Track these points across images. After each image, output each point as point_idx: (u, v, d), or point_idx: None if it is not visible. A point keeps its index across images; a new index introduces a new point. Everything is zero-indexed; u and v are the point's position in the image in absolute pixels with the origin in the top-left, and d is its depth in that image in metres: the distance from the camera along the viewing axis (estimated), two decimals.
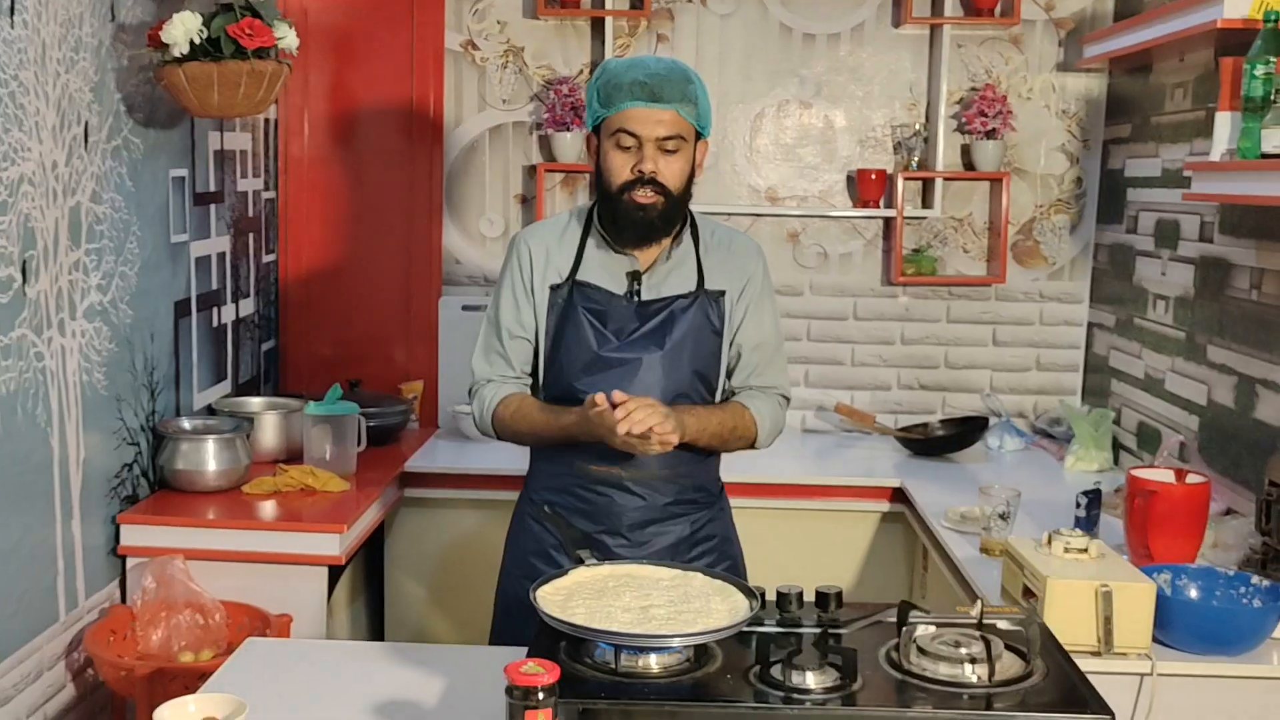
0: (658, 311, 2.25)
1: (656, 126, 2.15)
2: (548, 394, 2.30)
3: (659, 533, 2.28)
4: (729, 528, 2.43)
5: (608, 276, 2.27)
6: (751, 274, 2.32)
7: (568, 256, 2.28)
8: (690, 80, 2.19)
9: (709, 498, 2.37)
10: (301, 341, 3.99)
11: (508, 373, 2.32)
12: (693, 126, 2.20)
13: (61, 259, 2.59)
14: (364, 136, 3.93)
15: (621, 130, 2.16)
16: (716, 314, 2.28)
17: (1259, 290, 2.87)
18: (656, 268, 2.27)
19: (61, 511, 2.63)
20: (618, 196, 2.18)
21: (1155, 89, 3.52)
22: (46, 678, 2.59)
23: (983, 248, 3.98)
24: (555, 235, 2.31)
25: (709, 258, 2.30)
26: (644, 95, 2.14)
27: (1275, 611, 2.18)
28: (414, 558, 3.53)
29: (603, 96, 2.18)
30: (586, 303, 2.25)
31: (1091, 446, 3.55)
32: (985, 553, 2.73)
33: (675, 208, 2.21)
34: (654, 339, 2.23)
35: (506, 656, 1.75)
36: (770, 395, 2.35)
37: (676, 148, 2.17)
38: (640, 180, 2.16)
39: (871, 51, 3.94)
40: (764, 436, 2.33)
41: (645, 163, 2.15)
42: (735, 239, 2.36)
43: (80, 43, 2.64)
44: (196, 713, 1.68)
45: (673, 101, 2.15)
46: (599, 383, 2.19)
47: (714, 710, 1.60)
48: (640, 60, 2.21)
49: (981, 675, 1.65)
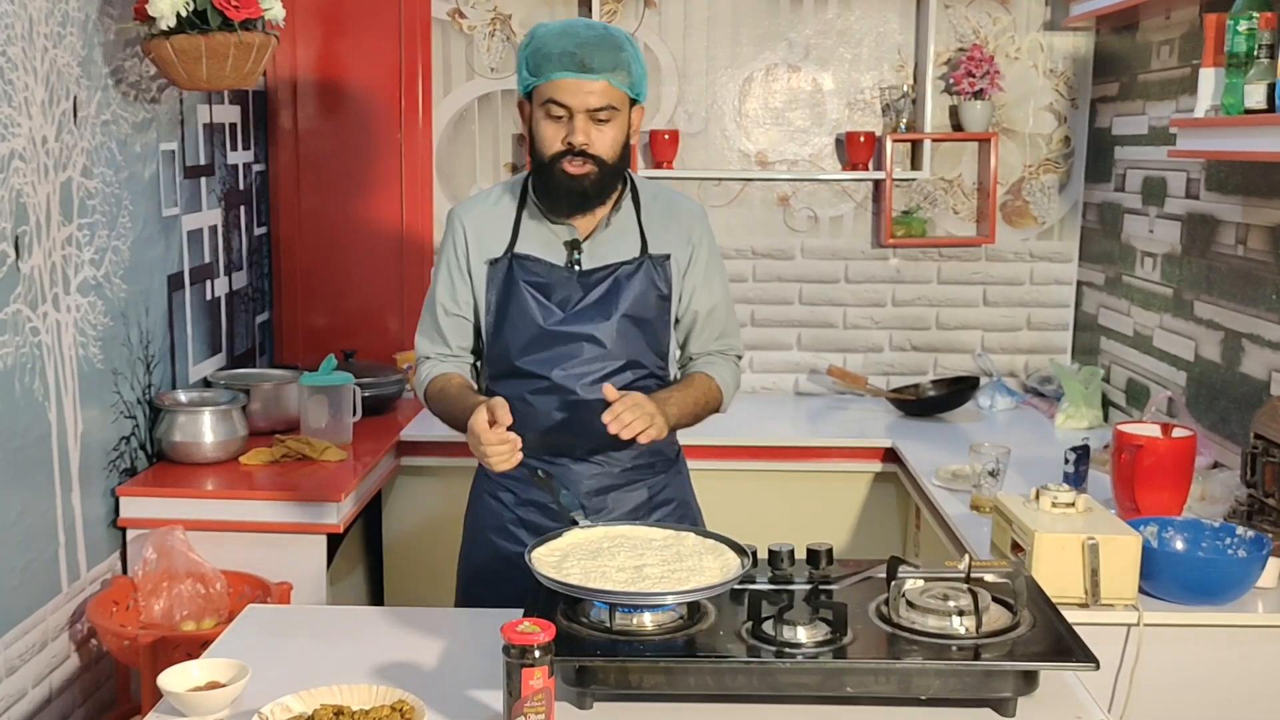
0: (601, 280, 2.20)
1: (587, 97, 2.08)
2: (491, 370, 2.26)
3: (618, 500, 2.26)
4: (687, 490, 2.41)
5: (546, 248, 2.22)
6: (698, 239, 2.28)
7: (504, 229, 2.23)
8: (622, 48, 2.11)
9: (666, 462, 2.34)
10: (295, 313, 4.00)
11: (444, 350, 2.28)
12: (625, 94, 2.12)
13: (54, 234, 2.60)
14: (353, 107, 3.93)
15: (551, 100, 2.09)
16: (663, 278, 2.23)
17: (1244, 246, 2.89)
18: (596, 235, 2.22)
19: (61, 485, 2.66)
20: (549, 167, 2.13)
21: (1142, 47, 3.53)
22: (51, 648, 2.62)
23: (972, 208, 4.00)
24: (489, 208, 2.25)
25: (651, 221, 2.25)
26: (573, 65, 2.07)
27: (1259, 561, 2.21)
28: (411, 526, 3.57)
29: (532, 65, 2.11)
30: (527, 276, 2.20)
31: (1082, 404, 3.58)
32: (976, 510, 2.76)
33: (610, 176, 2.15)
34: (600, 309, 2.19)
35: (504, 618, 1.78)
36: (729, 358, 2.34)
37: (609, 117, 2.10)
38: (571, 150, 2.10)
39: (859, 14, 3.94)
40: (727, 400, 2.32)
41: (576, 134, 2.09)
42: (677, 201, 2.30)
43: (67, 17, 2.64)
44: (199, 677, 1.71)
45: (603, 71, 2.07)
46: (546, 359, 2.18)
47: (707, 665, 1.64)
48: (571, 27, 2.12)
49: (969, 627, 1.69)
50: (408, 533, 3.57)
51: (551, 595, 1.74)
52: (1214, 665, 2.20)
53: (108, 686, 2.87)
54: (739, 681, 1.65)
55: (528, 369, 2.20)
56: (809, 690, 1.64)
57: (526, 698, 1.51)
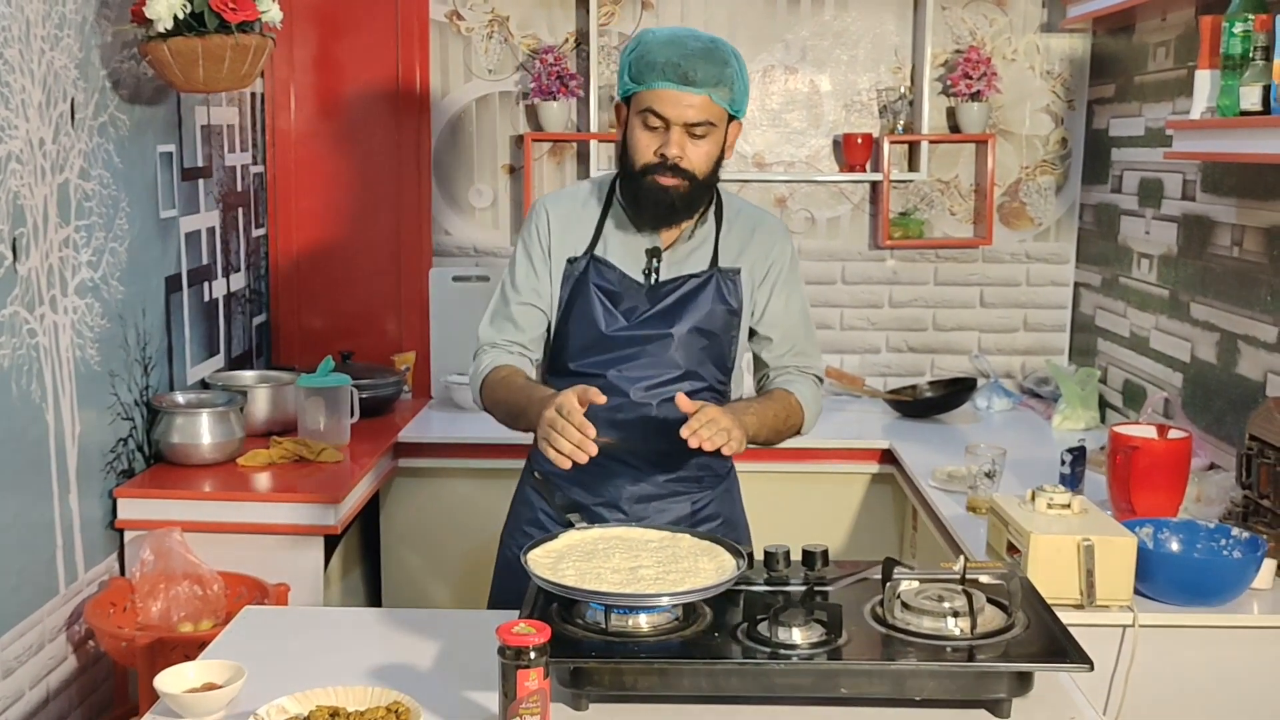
0: (670, 292, 2.17)
1: (686, 110, 2.04)
2: (549, 368, 2.24)
3: (659, 510, 2.22)
4: (735, 508, 2.36)
5: (626, 254, 2.18)
6: (777, 255, 2.23)
7: (587, 229, 2.20)
8: (728, 63, 2.07)
9: (714, 478, 2.29)
10: (293, 315, 4.01)
11: (514, 338, 2.21)
12: (725, 110, 2.09)
13: (51, 236, 2.60)
14: (351, 109, 3.93)
15: (649, 110, 2.05)
16: (733, 293, 2.19)
17: (1240, 247, 2.90)
18: (678, 246, 2.18)
19: (59, 486, 2.66)
20: (640, 176, 2.09)
21: (1138, 48, 3.53)
22: (48, 650, 2.63)
23: (969, 210, 4.00)
24: (577, 205, 2.22)
25: (730, 237, 2.21)
26: (676, 77, 2.03)
27: (1254, 562, 2.22)
28: (409, 527, 3.57)
29: (634, 71, 2.08)
30: (600, 280, 2.17)
31: (1079, 405, 3.59)
32: (972, 511, 2.77)
33: (699, 191, 2.11)
34: (665, 320, 2.16)
35: (500, 619, 1.78)
36: (808, 377, 2.28)
37: (705, 133, 2.07)
38: (664, 164, 2.07)
39: (856, 15, 3.94)
40: (809, 421, 2.25)
41: (670, 147, 2.06)
42: (761, 219, 2.26)
43: (64, 19, 2.64)
44: (196, 679, 1.72)
45: (705, 86, 2.04)
46: (603, 361, 2.15)
47: (702, 667, 1.64)
48: (679, 37, 2.08)
49: (964, 628, 1.69)
50: (405, 534, 3.57)
51: (547, 596, 1.74)
52: (1209, 667, 2.20)
53: (105, 688, 2.87)
54: (734, 683, 1.65)
55: (583, 369, 2.17)
56: (804, 691, 1.65)
57: (522, 699, 1.52)
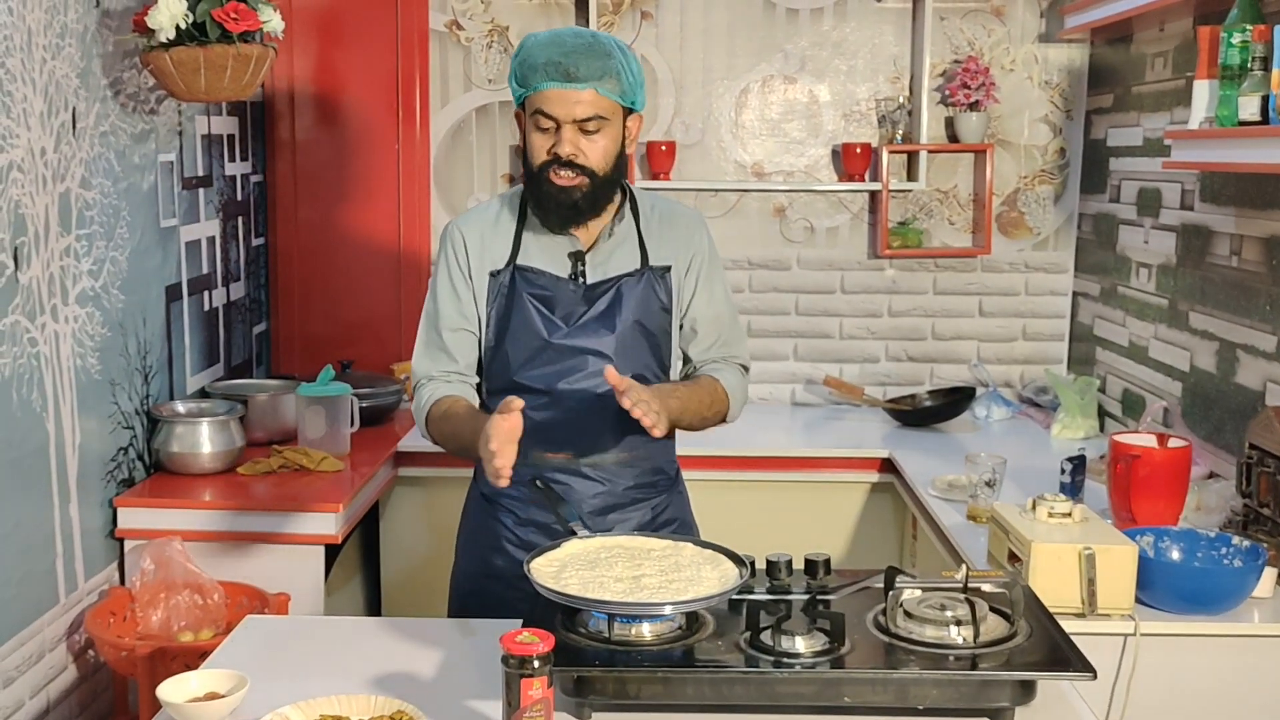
0: (604, 292, 2.16)
1: (574, 107, 2.03)
2: (490, 386, 2.21)
3: (620, 519, 2.20)
4: (686, 510, 2.37)
5: (549, 259, 2.17)
6: (697, 247, 2.24)
7: (505, 242, 2.18)
8: (610, 55, 2.06)
9: (667, 481, 2.30)
10: (293, 323, 4.01)
11: (450, 368, 2.19)
12: (617, 103, 2.08)
13: (53, 245, 2.60)
14: (351, 118, 3.94)
15: (539, 111, 2.05)
16: (664, 290, 2.20)
17: (1239, 257, 2.90)
18: (599, 246, 2.17)
19: (59, 495, 2.66)
20: (538, 177, 2.09)
21: (1136, 58, 3.54)
22: (48, 659, 2.62)
23: (968, 219, 4.01)
24: (489, 221, 2.20)
25: (651, 233, 2.21)
26: (559, 75, 2.02)
27: (1255, 571, 2.22)
28: (409, 536, 3.57)
29: (520, 75, 2.08)
30: (530, 288, 2.15)
31: (1077, 414, 3.59)
32: (973, 520, 2.77)
33: (602, 187, 2.10)
34: (604, 323, 2.15)
35: (503, 628, 1.78)
36: (733, 366, 2.28)
37: (597, 128, 2.06)
38: (557, 161, 2.06)
39: (855, 25, 3.95)
40: (734, 409, 2.26)
41: (562, 145, 2.05)
42: (677, 211, 2.27)
43: (66, 29, 2.65)
44: (198, 688, 1.71)
45: (590, 80, 2.03)
46: (548, 373, 2.14)
47: (705, 676, 1.64)
48: (558, 36, 2.08)
49: (967, 637, 1.69)
50: (405, 543, 3.57)
51: (550, 605, 1.74)
52: (1210, 675, 2.20)
53: (105, 697, 2.87)
54: (737, 692, 1.65)
55: (529, 383, 2.15)
56: (807, 700, 1.65)
57: (525, 708, 1.52)
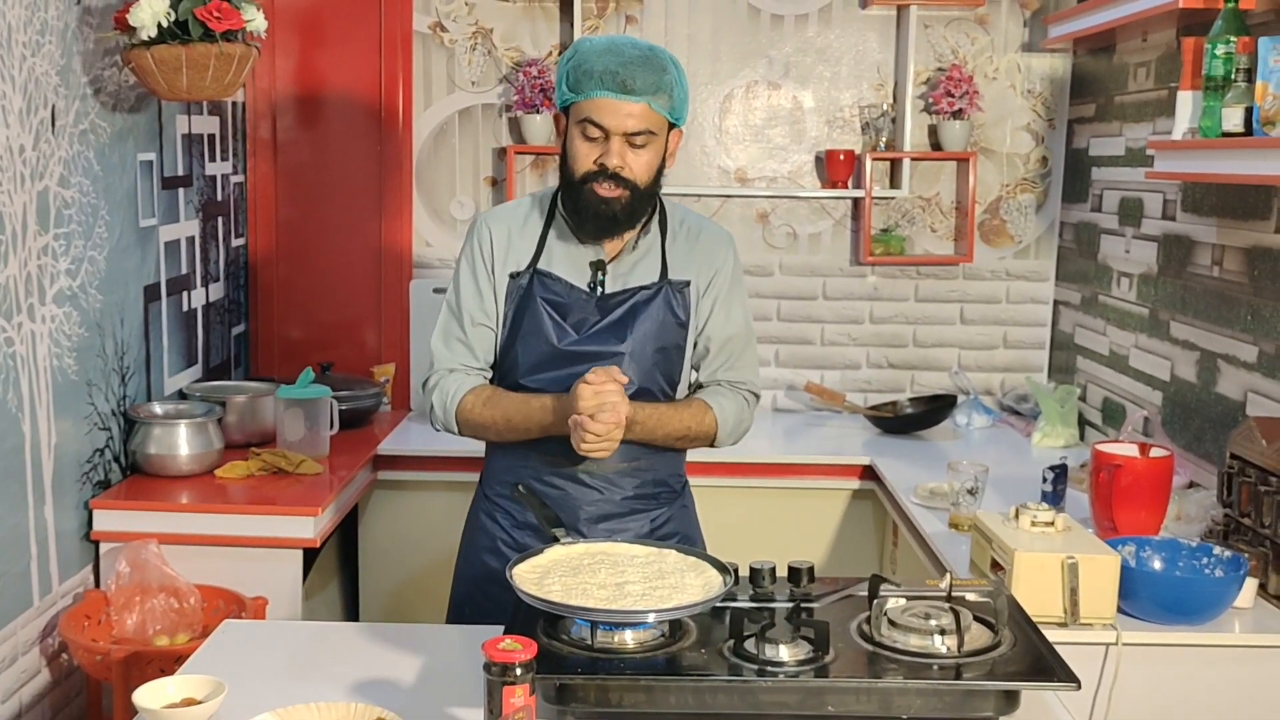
0: (619, 304, 2.15)
1: (626, 120, 2.03)
2: (499, 386, 2.20)
3: (617, 529, 2.18)
4: (691, 524, 2.33)
5: (570, 267, 2.16)
6: (720, 265, 2.22)
7: (529, 243, 2.17)
8: (666, 70, 2.06)
9: (670, 494, 2.27)
10: (272, 325, 3.98)
11: (471, 363, 2.19)
12: (665, 118, 2.07)
13: (30, 244, 2.57)
14: (333, 119, 3.92)
15: (588, 120, 2.04)
16: (681, 305, 2.18)
17: (1220, 267, 2.92)
18: (622, 258, 2.17)
19: (34, 497, 2.63)
20: (580, 186, 2.07)
21: (1119, 69, 3.56)
22: (21, 663, 2.59)
23: (950, 227, 4.02)
24: (518, 220, 2.20)
25: (675, 247, 2.20)
26: (614, 86, 2.01)
27: (1236, 581, 2.22)
28: (388, 540, 3.54)
29: (571, 80, 2.06)
30: (546, 294, 2.14)
31: (1058, 423, 3.60)
32: (954, 528, 2.77)
33: (641, 201, 2.10)
34: (615, 333, 2.13)
35: (484, 634, 1.77)
36: (738, 392, 2.25)
37: (645, 142, 2.05)
38: (604, 172, 2.05)
39: (839, 32, 3.96)
40: (724, 436, 2.22)
41: (610, 157, 2.04)
42: (705, 228, 2.24)
43: (46, 26, 2.62)
44: (175, 694, 1.69)
45: (644, 94, 2.02)
46: (554, 379, 2.12)
47: (688, 684, 1.63)
48: (616, 44, 2.06)
49: (951, 646, 1.69)
50: (384, 547, 3.55)
51: (532, 612, 1.73)
52: (1191, 685, 2.20)
53: (78, 702, 2.84)
54: (720, 700, 1.64)
55: (534, 387, 2.14)
56: (790, 709, 1.64)
57: (507, 715, 1.50)
